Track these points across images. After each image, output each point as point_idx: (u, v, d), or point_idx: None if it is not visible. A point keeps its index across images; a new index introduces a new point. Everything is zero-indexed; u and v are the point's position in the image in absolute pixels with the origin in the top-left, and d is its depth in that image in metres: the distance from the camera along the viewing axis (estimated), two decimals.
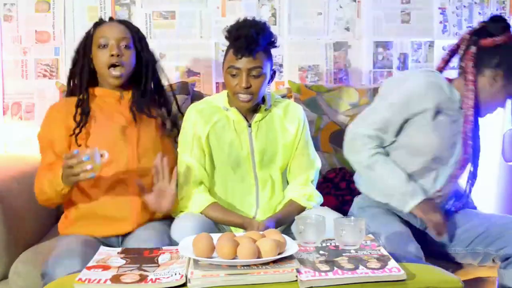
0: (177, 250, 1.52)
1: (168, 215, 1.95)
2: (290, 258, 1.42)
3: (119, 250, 1.58)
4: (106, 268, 1.42)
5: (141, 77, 1.99)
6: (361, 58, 2.75)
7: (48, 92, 2.59)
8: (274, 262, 1.40)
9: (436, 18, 2.77)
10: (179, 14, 2.66)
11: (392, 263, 1.42)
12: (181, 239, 1.59)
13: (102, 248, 1.59)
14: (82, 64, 1.94)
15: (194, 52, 2.68)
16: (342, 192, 2.27)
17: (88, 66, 1.94)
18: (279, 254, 1.41)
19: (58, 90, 2.45)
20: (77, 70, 1.96)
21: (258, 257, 1.38)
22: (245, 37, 1.83)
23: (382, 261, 1.44)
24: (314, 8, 2.72)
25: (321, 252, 1.52)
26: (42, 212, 2.17)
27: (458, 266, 1.97)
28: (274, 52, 1.96)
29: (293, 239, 1.56)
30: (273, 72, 1.95)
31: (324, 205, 2.03)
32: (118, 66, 1.90)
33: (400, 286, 1.35)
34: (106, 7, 2.58)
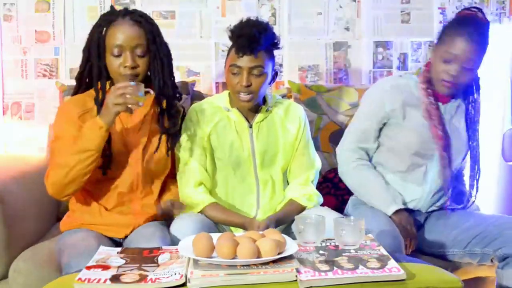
0: (176, 250, 1.52)
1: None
2: (290, 258, 1.42)
3: (119, 250, 1.58)
4: (106, 268, 1.42)
5: (155, 76, 1.86)
6: (361, 58, 2.75)
7: (48, 92, 2.59)
8: (274, 262, 1.40)
9: (436, 18, 2.77)
10: (179, 14, 2.66)
11: (392, 263, 1.42)
12: (181, 239, 1.59)
13: (102, 248, 1.59)
14: (99, 67, 1.82)
15: (194, 52, 2.68)
16: (342, 192, 2.27)
17: (105, 68, 1.82)
18: (279, 254, 1.41)
19: (58, 90, 2.45)
20: (93, 73, 1.83)
21: (258, 257, 1.38)
22: (247, 36, 1.84)
23: (382, 261, 1.44)
24: (314, 8, 2.72)
25: (321, 252, 1.52)
26: (42, 212, 2.18)
27: (457, 265, 1.97)
28: (274, 52, 1.96)
29: (294, 239, 1.56)
30: (274, 73, 1.95)
31: (324, 205, 2.03)
32: (132, 76, 1.80)
33: (400, 286, 1.35)
34: (106, 7, 2.57)
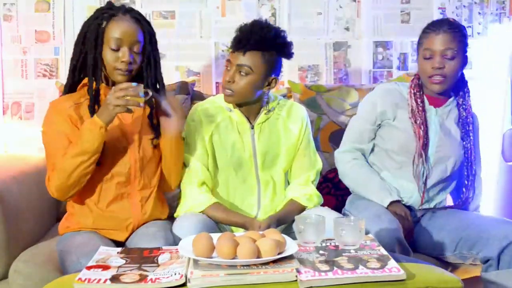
0: (177, 250, 1.52)
1: (170, 215, 1.96)
2: (290, 258, 1.42)
3: (119, 250, 1.58)
4: (106, 268, 1.42)
5: (148, 75, 1.86)
6: (361, 58, 2.76)
7: (48, 92, 2.59)
8: (274, 262, 1.40)
9: (436, 18, 2.76)
10: (179, 14, 2.66)
11: (392, 263, 1.41)
12: (183, 238, 1.59)
13: (102, 248, 1.59)
14: (95, 59, 1.80)
15: (194, 52, 2.68)
16: (342, 192, 2.27)
17: (100, 60, 1.81)
18: (279, 254, 1.41)
19: (58, 90, 2.45)
20: (88, 65, 1.81)
21: (258, 257, 1.38)
22: (242, 32, 1.86)
23: (382, 261, 1.44)
24: (314, 8, 2.72)
25: (321, 252, 1.52)
26: (42, 212, 2.18)
27: (457, 265, 1.98)
28: None
29: (294, 239, 1.56)
30: (272, 79, 1.91)
31: (324, 205, 2.03)
32: (126, 71, 1.80)
33: (400, 286, 1.35)
34: None
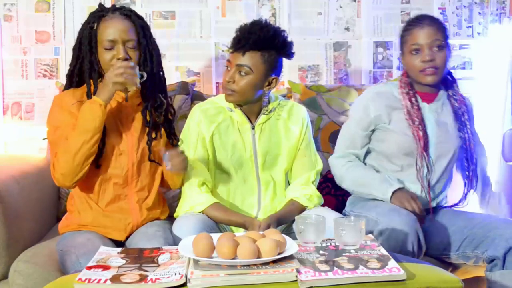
0: (177, 250, 1.52)
1: (169, 215, 1.97)
2: (290, 258, 1.42)
3: (119, 250, 1.58)
4: (106, 268, 1.42)
5: (145, 69, 1.87)
6: (361, 58, 2.76)
7: (48, 92, 2.59)
8: (274, 262, 1.40)
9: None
10: (179, 14, 2.67)
11: (392, 263, 1.41)
12: (183, 238, 1.59)
13: (102, 248, 1.59)
14: (91, 62, 1.83)
15: (194, 52, 2.68)
16: (342, 192, 2.27)
17: (96, 63, 1.83)
18: (279, 254, 1.41)
19: (58, 90, 2.45)
20: (85, 68, 1.84)
21: (258, 257, 1.38)
22: (241, 33, 1.86)
23: (382, 261, 1.44)
24: (314, 8, 2.72)
25: (321, 252, 1.52)
26: (42, 212, 2.18)
27: (457, 265, 1.98)
28: None
29: (294, 239, 1.56)
30: (273, 79, 1.92)
31: (324, 205, 2.03)
32: None
33: (400, 286, 1.35)
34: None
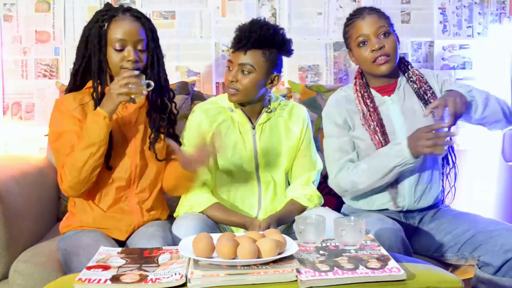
0: (177, 250, 1.52)
1: (170, 215, 1.97)
2: (290, 258, 1.42)
3: (119, 250, 1.58)
4: (106, 268, 1.42)
5: (152, 71, 1.88)
6: None
7: (48, 92, 2.59)
8: (274, 262, 1.40)
9: (436, 18, 2.77)
10: (179, 14, 2.67)
11: (392, 263, 1.41)
12: (183, 238, 1.59)
13: (102, 248, 1.59)
14: (100, 61, 1.82)
15: (194, 52, 2.68)
16: None
17: (105, 63, 1.82)
18: (279, 254, 1.41)
19: (58, 90, 2.45)
20: (93, 67, 1.82)
21: (258, 257, 1.38)
22: (242, 32, 1.87)
23: (382, 261, 1.44)
24: (314, 8, 2.72)
25: (321, 252, 1.52)
26: (42, 212, 2.18)
27: (457, 266, 1.97)
28: None
29: (294, 239, 1.56)
30: (275, 76, 1.93)
31: (324, 205, 2.03)
32: (133, 69, 1.79)
33: (400, 286, 1.35)
34: None
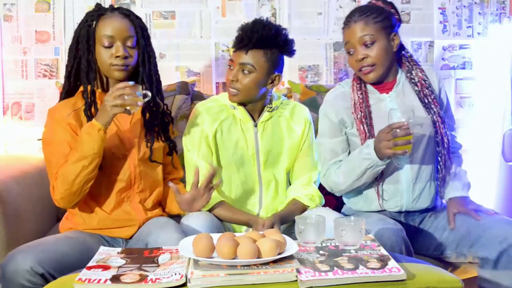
0: (177, 250, 1.52)
1: (170, 215, 1.96)
2: (290, 258, 1.42)
3: (119, 250, 1.58)
4: (106, 268, 1.42)
5: (144, 69, 1.86)
6: None
7: (48, 92, 2.59)
8: (274, 262, 1.40)
9: (436, 18, 2.77)
10: (179, 14, 2.67)
11: (392, 263, 1.41)
12: (197, 229, 1.61)
13: (102, 248, 1.59)
14: (88, 61, 1.81)
15: (194, 52, 2.68)
16: None
17: (94, 62, 1.82)
18: (279, 254, 1.41)
19: (58, 90, 2.45)
20: (82, 67, 1.82)
21: (258, 257, 1.38)
22: (244, 31, 1.87)
23: (382, 261, 1.44)
24: (314, 8, 2.72)
25: (321, 252, 1.52)
26: (42, 212, 2.18)
27: (457, 265, 1.98)
28: None
29: (295, 239, 1.56)
30: (276, 76, 1.93)
31: (324, 205, 2.03)
32: (122, 66, 1.80)
33: (400, 286, 1.35)
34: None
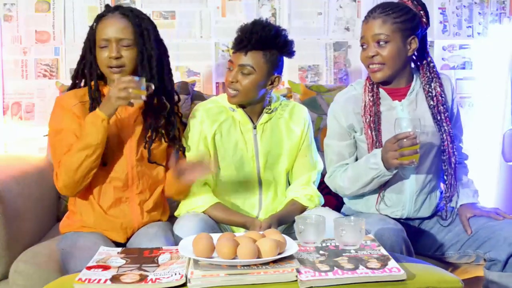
0: (177, 250, 1.52)
1: (170, 215, 1.97)
2: (290, 258, 1.42)
3: (119, 250, 1.58)
4: (106, 268, 1.42)
5: (142, 69, 1.86)
6: None
7: (48, 92, 2.59)
8: (274, 262, 1.40)
9: (436, 18, 2.77)
10: (179, 14, 2.66)
11: (392, 263, 1.42)
12: (183, 238, 1.59)
13: (102, 248, 1.59)
14: (90, 62, 1.85)
15: (194, 52, 2.68)
16: None
17: (94, 62, 1.85)
18: (279, 254, 1.41)
19: (58, 90, 2.45)
20: (86, 68, 1.87)
21: (258, 257, 1.38)
22: (243, 32, 1.87)
23: (382, 261, 1.44)
24: (314, 8, 2.72)
25: (321, 252, 1.52)
26: (42, 212, 2.18)
27: (457, 266, 1.98)
28: None
29: (294, 239, 1.56)
30: (275, 77, 1.93)
31: (324, 205, 2.03)
32: (117, 68, 1.82)
33: (400, 286, 1.35)
34: None
